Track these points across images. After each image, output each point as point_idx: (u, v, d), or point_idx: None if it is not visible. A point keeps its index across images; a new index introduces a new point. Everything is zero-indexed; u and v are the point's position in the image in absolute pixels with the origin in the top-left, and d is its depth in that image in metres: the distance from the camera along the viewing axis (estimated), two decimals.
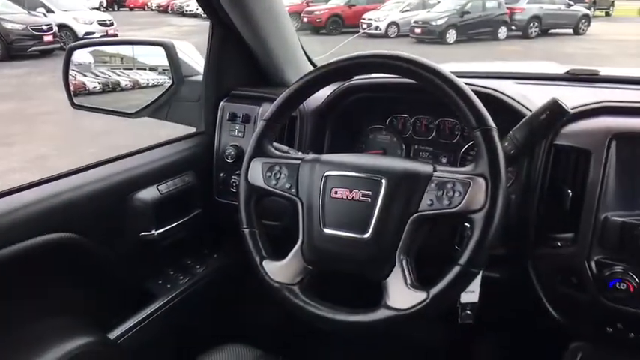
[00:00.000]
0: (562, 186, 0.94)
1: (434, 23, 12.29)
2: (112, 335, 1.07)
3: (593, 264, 0.91)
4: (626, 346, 0.96)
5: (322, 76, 0.93)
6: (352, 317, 0.81)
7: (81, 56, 1.48)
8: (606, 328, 0.94)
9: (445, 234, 0.98)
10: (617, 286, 0.88)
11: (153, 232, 1.14)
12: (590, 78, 1.27)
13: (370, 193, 0.83)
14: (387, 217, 0.81)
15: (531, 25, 12.79)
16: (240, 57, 1.32)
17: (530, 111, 0.93)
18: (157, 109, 1.42)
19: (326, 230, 0.85)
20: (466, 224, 0.84)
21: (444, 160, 1.20)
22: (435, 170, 0.82)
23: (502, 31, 12.62)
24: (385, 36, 13.18)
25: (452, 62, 1.51)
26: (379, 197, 0.82)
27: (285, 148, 1.03)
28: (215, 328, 1.36)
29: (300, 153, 1.02)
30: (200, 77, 1.36)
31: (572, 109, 0.97)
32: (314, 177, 0.89)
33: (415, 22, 12.70)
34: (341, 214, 0.84)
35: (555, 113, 0.85)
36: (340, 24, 14.37)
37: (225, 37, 1.27)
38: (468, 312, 0.99)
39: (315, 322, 0.84)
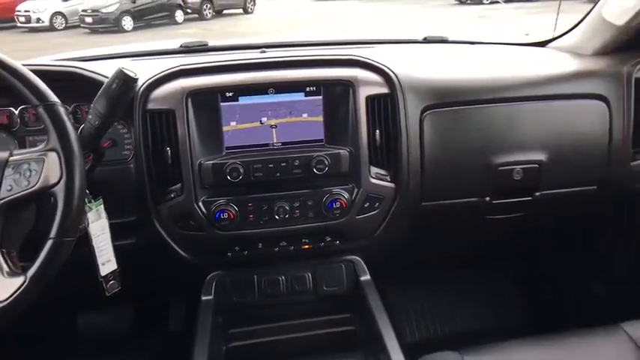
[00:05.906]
0: (161, 145, 1.06)
1: (105, 11, 11.54)
2: None
3: (201, 204, 1.07)
4: (248, 264, 1.18)
5: None
6: None
7: None
8: (227, 253, 1.13)
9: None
10: (222, 217, 1.06)
11: None
12: (200, 49, 1.46)
13: None
14: None
15: (205, 6, 13.35)
16: None
17: None
18: None
19: None
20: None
21: None
22: (11, 155, 0.81)
23: (179, 15, 12.84)
24: (52, 28, 11.75)
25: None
26: None
27: None
28: None
29: None
30: None
31: (154, 75, 1.08)
32: None
33: (83, 10, 11.68)
34: None
35: (123, 80, 0.93)
36: None
37: None
38: (112, 281, 1.04)
39: None
